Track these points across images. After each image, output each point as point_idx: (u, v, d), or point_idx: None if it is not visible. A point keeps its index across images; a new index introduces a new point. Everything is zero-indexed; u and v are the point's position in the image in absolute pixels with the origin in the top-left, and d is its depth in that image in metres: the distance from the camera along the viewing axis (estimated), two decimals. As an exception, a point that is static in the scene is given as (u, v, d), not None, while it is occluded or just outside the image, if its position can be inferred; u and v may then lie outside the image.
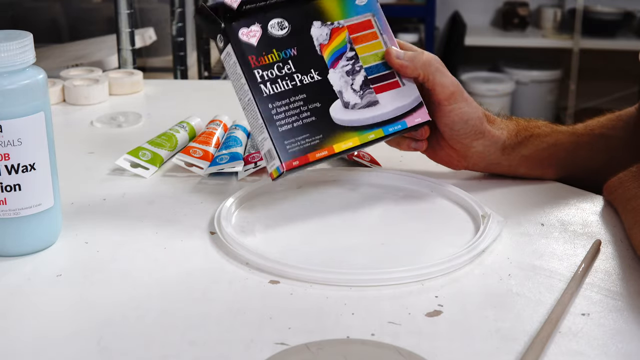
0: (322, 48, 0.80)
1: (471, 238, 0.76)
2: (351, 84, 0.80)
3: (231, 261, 0.73)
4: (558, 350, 0.60)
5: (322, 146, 0.77)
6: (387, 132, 0.81)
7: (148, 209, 0.84)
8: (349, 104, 0.80)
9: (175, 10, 1.76)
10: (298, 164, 0.76)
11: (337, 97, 0.79)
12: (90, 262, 0.73)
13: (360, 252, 0.76)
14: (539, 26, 3.48)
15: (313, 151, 0.77)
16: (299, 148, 0.77)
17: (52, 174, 0.74)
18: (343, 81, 0.80)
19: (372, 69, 0.82)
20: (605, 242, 0.76)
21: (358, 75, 0.81)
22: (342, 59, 0.81)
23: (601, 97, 3.33)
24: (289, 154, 0.76)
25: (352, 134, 0.79)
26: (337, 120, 0.79)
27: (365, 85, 0.81)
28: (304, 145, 0.77)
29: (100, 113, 1.16)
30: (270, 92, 0.77)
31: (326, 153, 0.78)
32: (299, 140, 0.77)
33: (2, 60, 0.68)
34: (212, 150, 0.95)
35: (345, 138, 0.78)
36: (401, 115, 0.81)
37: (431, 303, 0.66)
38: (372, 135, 0.80)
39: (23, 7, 1.89)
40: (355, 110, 0.80)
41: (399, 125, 0.81)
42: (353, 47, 0.81)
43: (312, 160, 0.77)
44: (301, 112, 0.77)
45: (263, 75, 0.77)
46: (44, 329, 0.63)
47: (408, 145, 0.86)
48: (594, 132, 0.91)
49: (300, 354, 0.58)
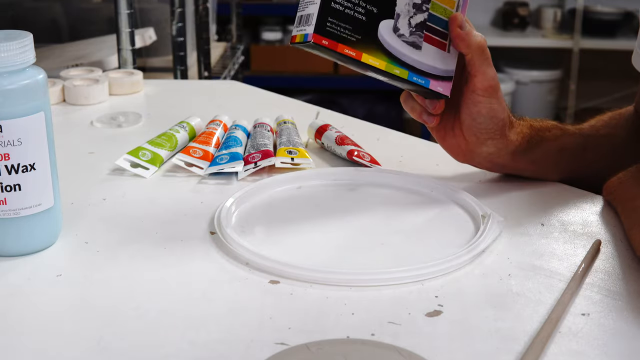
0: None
1: (471, 238, 0.76)
2: (411, 16, 0.79)
3: (231, 261, 0.73)
4: (558, 350, 0.60)
5: (355, 46, 0.76)
6: (411, 78, 0.80)
7: (148, 209, 0.84)
8: (398, 30, 0.78)
9: (175, 10, 1.76)
10: (327, 44, 0.74)
11: (392, 17, 0.78)
12: (90, 262, 0.73)
13: (360, 252, 0.76)
14: (539, 26, 3.49)
15: (345, 44, 0.76)
16: (337, 32, 0.75)
17: (52, 174, 0.74)
18: (407, 9, 0.79)
19: (434, 19, 0.81)
20: (605, 242, 0.77)
21: (421, 14, 0.80)
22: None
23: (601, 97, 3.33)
24: (325, 31, 0.74)
25: (384, 57, 0.78)
26: (380, 37, 0.78)
27: (421, 26, 0.80)
28: (342, 33, 0.75)
29: (100, 113, 1.16)
30: None
31: (354, 55, 0.76)
32: (341, 25, 0.75)
33: (2, 60, 0.68)
34: (212, 150, 0.95)
35: (377, 55, 0.77)
36: (430, 74, 0.81)
37: (431, 303, 0.66)
38: (397, 71, 0.79)
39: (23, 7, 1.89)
40: (399, 40, 0.79)
41: (423, 81, 0.80)
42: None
43: (339, 51, 0.75)
44: (359, 4, 0.76)
45: None
46: (44, 329, 0.63)
47: (420, 115, 0.85)
48: (599, 133, 0.91)
49: (300, 354, 0.58)
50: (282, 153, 0.93)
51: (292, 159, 0.92)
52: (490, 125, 0.83)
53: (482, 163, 0.88)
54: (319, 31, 0.74)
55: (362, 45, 0.76)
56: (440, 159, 0.92)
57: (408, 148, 0.98)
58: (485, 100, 0.82)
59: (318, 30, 0.74)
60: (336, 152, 0.98)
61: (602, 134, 0.91)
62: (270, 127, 1.03)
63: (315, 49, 0.75)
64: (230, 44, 2.51)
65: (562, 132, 0.89)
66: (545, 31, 3.44)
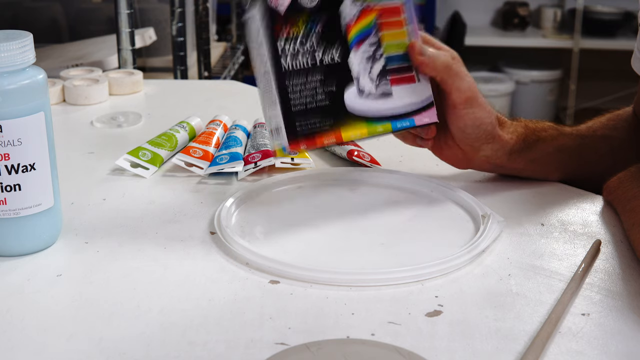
0: (348, 28, 0.79)
1: (471, 238, 0.76)
2: (369, 71, 0.80)
3: (231, 261, 0.73)
4: (558, 350, 0.60)
5: (331, 132, 0.77)
6: (395, 127, 0.80)
7: (148, 209, 0.84)
8: (363, 91, 0.79)
9: (175, 10, 1.76)
10: (305, 148, 0.76)
11: (352, 82, 0.79)
12: (90, 262, 0.73)
13: (360, 252, 0.76)
14: (539, 26, 3.49)
15: (322, 136, 0.76)
16: (309, 130, 0.76)
17: (52, 174, 0.74)
18: (362, 67, 0.79)
19: (392, 59, 0.81)
20: (605, 242, 0.76)
21: (377, 63, 0.80)
22: (365, 43, 0.80)
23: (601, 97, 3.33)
24: (298, 134, 0.75)
25: (362, 124, 0.78)
26: (349, 108, 0.78)
27: (383, 75, 0.80)
28: (314, 128, 0.76)
29: (100, 113, 1.16)
30: (289, 67, 0.76)
31: (334, 140, 0.77)
32: (310, 122, 0.76)
33: (2, 60, 0.68)
34: (212, 150, 0.95)
35: (355, 127, 0.78)
36: (411, 112, 0.81)
37: (431, 303, 0.66)
38: (381, 129, 0.80)
39: (23, 7, 1.89)
40: (368, 100, 0.79)
41: (407, 122, 0.81)
42: (378, 33, 0.80)
43: (319, 146, 0.77)
44: (316, 93, 0.77)
45: (284, 49, 0.76)
46: (44, 328, 0.63)
47: (413, 141, 0.86)
48: (597, 134, 0.91)
49: (300, 354, 0.58)
50: (282, 153, 0.93)
51: (292, 159, 0.92)
52: (480, 132, 0.84)
53: (482, 166, 0.88)
54: (293, 138, 0.75)
55: (337, 127, 0.77)
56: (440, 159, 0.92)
57: (408, 148, 0.97)
58: (467, 112, 0.82)
59: (291, 138, 0.75)
60: (336, 152, 0.98)
61: (599, 135, 0.91)
62: (270, 127, 1.03)
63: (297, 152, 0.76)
64: (230, 44, 2.51)
65: (559, 132, 0.89)
66: (545, 31, 3.44)
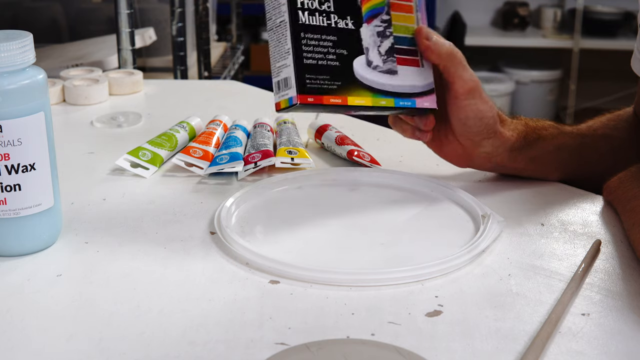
0: (363, 2, 0.80)
1: (471, 238, 0.76)
2: (379, 45, 0.80)
3: (231, 261, 0.73)
4: (558, 350, 0.60)
5: (338, 93, 0.76)
6: (398, 104, 0.80)
7: (148, 209, 0.84)
8: (372, 63, 0.79)
9: (175, 10, 1.76)
10: (313, 101, 0.75)
11: (363, 52, 0.79)
12: (90, 262, 0.73)
13: (360, 252, 0.76)
14: (539, 26, 3.49)
15: (329, 95, 0.76)
16: (317, 86, 0.75)
17: (52, 174, 0.74)
18: (372, 40, 0.80)
19: (400, 40, 0.82)
20: (605, 242, 0.77)
21: (387, 40, 0.81)
22: (377, 19, 0.80)
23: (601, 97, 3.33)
24: (307, 88, 0.75)
25: (367, 93, 0.78)
26: (356, 74, 0.78)
27: (391, 51, 0.81)
28: (323, 85, 0.76)
29: (100, 113, 1.16)
30: (306, 21, 0.76)
31: (340, 101, 0.77)
32: (319, 78, 0.75)
33: (2, 60, 0.68)
34: (212, 150, 0.95)
35: (360, 94, 0.78)
36: (412, 93, 0.81)
37: (431, 303, 0.66)
38: (384, 102, 0.79)
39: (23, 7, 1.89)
40: (376, 72, 0.79)
41: (409, 102, 0.81)
42: (389, 12, 0.81)
43: (325, 103, 0.76)
44: (328, 52, 0.76)
45: (304, 2, 0.76)
46: (44, 329, 0.63)
47: (412, 133, 0.85)
48: (597, 133, 0.91)
49: (300, 354, 0.58)
50: (282, 153, 0.93)
51: (292, 159, 0.92)
52: (481, 126, 0.83)
53: (483, 164, 0.88)
54: (302, 91, 0.74)
55: (344, 90, 0.77)
56: (440, 159, 0.92)
57: (408, 148, 0.98)
58: (469, 102, 0.82)
59: (300, 90, 0.74)
60: (336, 152, 0.98)
61: (600, 134, 0.91)
62: (270, 127, 1.03)
63: (301, 108, 0.75)
64: (230, 44, 2.51)
65: (559, 131, 0.89)
66: (545, 31, 3.44)
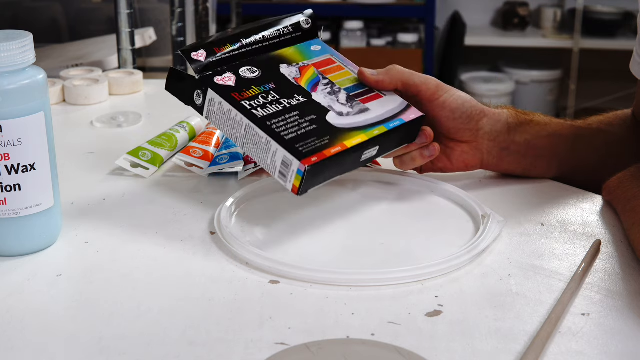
0: (297, 81, 0.83)
1: (471, 238, 0.76)
2: (337, 99, 0.82)
3: (231, 261, 0.73)
4: (558, 350, 0.60)
5: (333, 144, 0.77)
6: (389, 127, 0.81)
7: (148, 209, 0.84)
8: (342, 113, 0.81)
9: (175, 10, 1.76)
10: (317, 159, 0.75)
11: (328, 110, 0.80)
12: (90, 262, 0.73)
13: (360, 252, 0.76)
14: (539, 26, 3.48)
15: (327, 148, 0.76)
16: (312, 147, 0.76)
17: (52, 174, 0.74)
18: (329, 99, 0.82)
19: (350, 89, 0.84)
20: (605, 242, 0.77)
21: (340, 93, 0.83)
22: (319, 86, 0.83)
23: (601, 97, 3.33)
24: (305, 153, 0.75)
25: (357, 132, 0.79)
26: (337, 125, 0.79)
27: (350, 98, 0.83)
28: (316, 144, 0.76)
29: (100, 113, 1.16)
30: (263, 114, 0.78)
31: (340, 148, 0.77)
32: (308, 142, 0.76)
33: (2, 60, 0.68)
34: (212, 150, 0.95)
35: (352, 136, 0.78)
36: (394, 115, 0.82)
37: (431, 303, 0.66)
38: (377, 131, 0.80)
39: (23, 7, 1.89)
40: (351, 117, 0.80)
41: (398, 122, 0.82)
42: (326, 77, 0.84)
43: (328, 155, 0.76)
44: (300, 123, 0.78)
45: (251, 104, 0.78)
46: (44, 329, 0.63)
47: (422, 157, 0.85)
48: (593, 127, 0.92)
49: (300, 354, 0.58)
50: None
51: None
52: (469, 109, 0.85)
53: (491, 151, 0.87)
54: (302, 156, 0.74)
55: (336, 140, 0.77)
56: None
57: (408, 148, 0.98)
58: (444, 97, 0.85)
59: (301, 157, 0.74)
60: (336, 152, 0.98)
61: (595, 128, 0.92)
62: (270, 127, 1.03)
63: (312, 174, 0.75)
64: (230, 44, 2.51)
65: (551, 119, 0.91)
66: (545, 31, 3.43)
